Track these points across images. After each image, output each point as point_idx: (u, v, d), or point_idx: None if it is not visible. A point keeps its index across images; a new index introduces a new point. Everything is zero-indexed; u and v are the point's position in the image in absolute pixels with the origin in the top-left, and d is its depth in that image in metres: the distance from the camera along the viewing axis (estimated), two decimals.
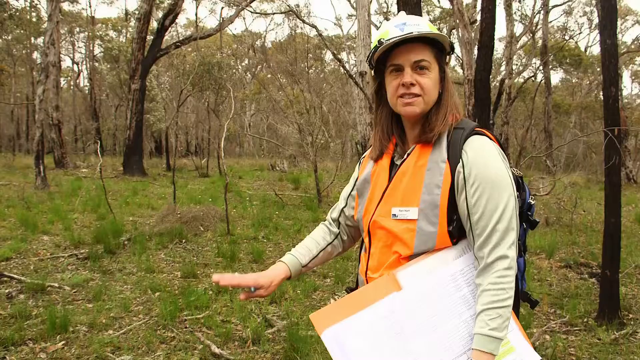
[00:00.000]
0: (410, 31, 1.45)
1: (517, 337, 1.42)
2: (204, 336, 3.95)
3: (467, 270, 1.44)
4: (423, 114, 1.51)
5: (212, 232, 7.89)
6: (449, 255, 1.45)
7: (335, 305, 1.46)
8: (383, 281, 1.45)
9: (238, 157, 33.35)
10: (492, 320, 1.33)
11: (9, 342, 3.70)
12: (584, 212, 10.42)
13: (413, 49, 1.48)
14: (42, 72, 14.38)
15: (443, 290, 1.42)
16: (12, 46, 32.52)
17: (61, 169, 18.60)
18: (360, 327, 1.39)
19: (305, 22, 12.82)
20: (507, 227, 1.38)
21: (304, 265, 1.72)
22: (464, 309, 1.41)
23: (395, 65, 1.50)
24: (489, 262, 1.37)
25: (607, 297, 4.39)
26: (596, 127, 26.26)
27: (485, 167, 1.41)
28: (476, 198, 1.40)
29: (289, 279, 1.70)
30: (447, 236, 1.44)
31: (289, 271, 1.68)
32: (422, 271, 1.43)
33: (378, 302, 1.41)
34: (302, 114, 12.73)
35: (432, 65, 1.49)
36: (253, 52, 38.87)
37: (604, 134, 4.45)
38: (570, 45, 29.18)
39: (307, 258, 1.73)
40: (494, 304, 1.34)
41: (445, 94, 1.53)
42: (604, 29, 4.45)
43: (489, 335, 1.32)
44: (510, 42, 19.55)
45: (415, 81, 1.47)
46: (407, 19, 1.51)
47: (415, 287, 1.42)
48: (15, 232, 7.43)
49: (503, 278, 1.35)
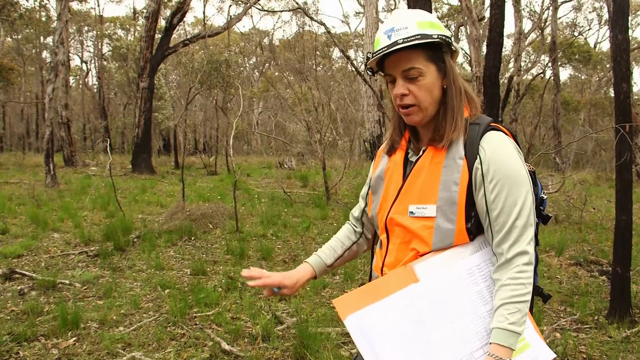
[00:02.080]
0: (396, 40, 1.41)
1: (532, 334, 1.42)
2: (213, 333, 3.97)
3: (484, 265, 1.44)
4: (426, 119, 1.49)
5: (221, 230, 7.92)
6: (465, 250, 1.45)
7: (357, 292, 1.48)
8: (401, 273, 1.47)
9: (246, 154, 33.41)
10: (511, 314, 1.33)
11: (22, 338, 3.74)
12: (593, 210, 10.36)
13: (401, 57, 1.44)
14: (52, 71, 14.50)
15: (459, 283, 1.42)
16: (22, 45, 32.80)
17: (71, 167, 18.73)
18: (382, 314, 1.41)
19: (313, 19, 12.81)
20: (526, 223, 1.38)
21: (329, 265, 1.77)
22: (480, 304, 1.41)
23: (389, 75, 1.49)
24: (509, 258, 1.37)
25: (618, 294, 4.37)
26: (605, 124, 26.09)
27: (503, 163, 1.40)
28: (495, 194, 1.39)
29: (315, 278, 1.76)
30: (465, 233, 1.44)
31: (314, 272, 1.74)
32: (438, 264, 1.44)
33: (398, 292, 1.43)
34: (310, 111, 12.72)
35: (425, 69, 1.44)
36: (261, 49, 38.93)
37: (614, 130, 4.41)
38: (580, 42, 28.95)
39: (331, 259, 1.77)
40: (513, 299, 1.34)
41: (451, 91, 1.48)
42: (615, 24, 4.41)
43: (508, 330, 1.32)
44: (518, 39, 19.43)
45: (407, 90, 1.45)
46: (395, 22, 1.45)
47: (432, 279, 1.43)
48: (26, 230, 7.49)
49: (522, 273, 1.35)
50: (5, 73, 19.50)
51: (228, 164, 19.02)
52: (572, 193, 10.53)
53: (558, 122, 23.85)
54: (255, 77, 39.67)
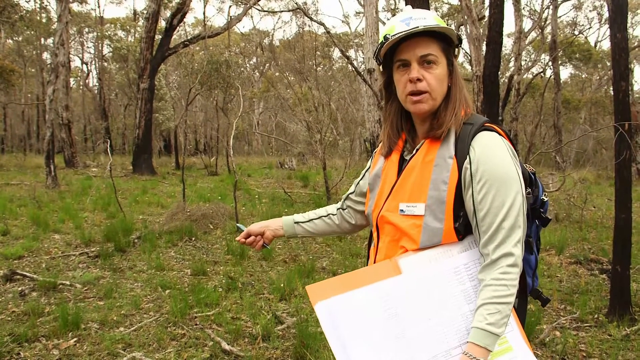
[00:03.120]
0: (416, 25, 1.43)
1: (516, 338, 1.40)
2: (214, 333, 3.98)
3: (472, 265, 1.43)
4: (432, 110, 1.50)
5: (222, 230, 7.93)
6: (453, 248, 1.45)
7: (333, 280, 1.44)
8: (384, 265, 1.46)
9: (247, 155, 33.43)
10: (490, 315, 1.31)
11: (22, 339, 3.75)
12: (594, 208, 10.35)
13: (419, 43, 1.46)
14: (52, 73, 14.52)
15: (443, 281, 1.41)
16: (23, 47, 32.80)
17: (71, 168, 18.76)
18: (354, 303, 1.38)
19: (313, 19, 12.79)
20: (514, 224, 1.36)
21: (296, 222, 1.86)
22: (464, 302, 1.39)
23: (402, 60, 1.49)
24: (494, 259, 1.36)
25: (617, 293, 4.37)
26: (606, 123, 26.02)
27: (492, 163, 1.39)
28: (482, 195, 1.38)
29: (284, 235, 1.87)
30: (453, 232, 1.43)
31: (281, 224, 1.86)
32: (424, 260, 1.43)
33: (376, 283, 1.41)
34: (311, 111, 12.72)
35: (439, 59, 1.47)
36: (261, 50, 38.95)
37: (614, 128, 4.41)
38: (580, 41, 28.94)
39: (302, 218, 1.88)
40: (494, 299, 1.32)
41: (454, 88, 1.51)
42: (614, 22, 4.42)
43: (486, 330, 1.31)
44: (519, 38, 19.41)
45: (422, 76, 1.46)
46: (413, 13, 1.50)
47: (415, 274, 1.42)
48: (27, 231, 7.51)
49: (506, 275, 1.34)
50: (6, 75, 19.54)
51: (228, 165, 19.04)
52: (573, 192, 10.52)
53: (559, 121, 23.85)
54: (256, 78, 39.68)
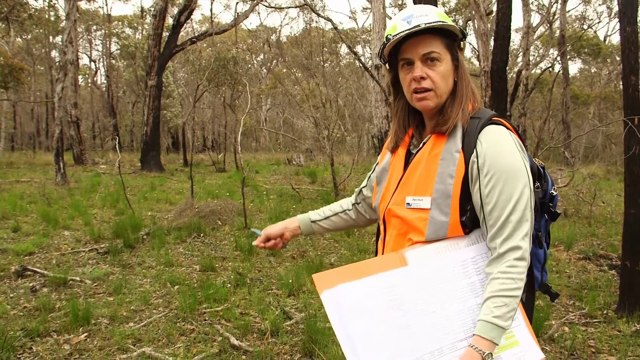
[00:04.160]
0: (417, 24, 1.43)
1: (523, 332, 1.40)
2: (223, 328, 4.00)
3: (479, 259, 1.44)
4: (438, 106, 1.50)
5: (230, 226, 7.96)
6: (461, 242, 1.45)
7: (340, 269, 1.45)
8: (391, 256, 1.47)
9: (254, 151, 33.45)
10: (497, 308, 1.32)
11: (34, 334, 3.80)
12: (603, 204, 10.29)
13: (421, 41, 1.46)
14: (61, 70, 14.60)
15: (449, 274, 1.41)
16: (32, 45, 32.99)
17: (80, 166, 18.88)
18: (360, 293, 1.39)
19: (320, 15, 12.74)
20: (521, 218, 1.36)
21: (312, 221, 1.86)
22: (470, 296, 1.40)
23: (406, 59, 1.49)
24: (501, 253, 1.36)
25: (627, 288, 4.34)
26: (615, 118, 25.81)
27: (499, 157, 1.39)
28: (489, 188, 1.38)
29: (301, 234, 1.88)
30: (459, 226, 1.43)
31: (298, 223, 1.86)
32: (430, 252, 1.44)
33: (382, 273, 1.41)
34: (318, 107, 12.70)
35: (443, 55, 1.48)
36: (268, 46, 38.91)
37: (623, 123, 4.37)
38: (589, 35, 28.71)
39: (317, 216, 1.88)
40: (501, 292, 1.33)
41: (461, 83, 1.51)
42: (623, 16, 4.38)
43: (492, 323, 1.31)
44: (527, 33, 19.28)
45: (425, 74, 1.46)
46: (414, 10, 1.49)
47: (421, 266, 1.42)
48: (37, 228, 7.57)
49: (513, 268, 1.34)
50: (16, 73, 19.63)
51: (236, 161, 19.08)
52: (582, 187, 10.45)
53: (567, 116, 23.66)
54: (263, 74, 39.67)
